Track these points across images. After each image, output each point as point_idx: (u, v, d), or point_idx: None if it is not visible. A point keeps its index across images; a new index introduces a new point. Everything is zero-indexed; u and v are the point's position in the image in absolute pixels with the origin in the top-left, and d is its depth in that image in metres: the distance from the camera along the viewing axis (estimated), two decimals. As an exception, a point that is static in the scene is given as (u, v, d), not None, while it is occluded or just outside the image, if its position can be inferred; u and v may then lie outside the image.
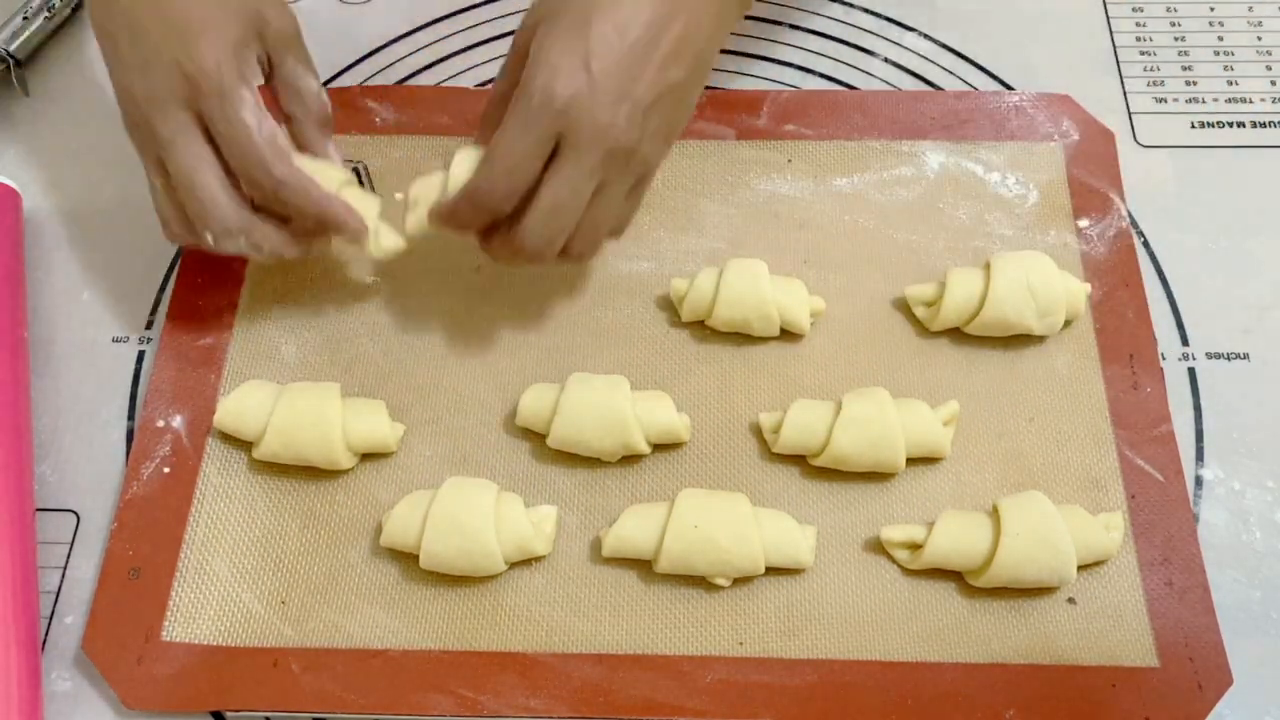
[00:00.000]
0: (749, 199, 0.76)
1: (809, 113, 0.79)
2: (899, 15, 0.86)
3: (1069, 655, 0.61)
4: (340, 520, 0.65)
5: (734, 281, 0.69)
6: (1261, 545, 0.65)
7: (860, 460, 0.65)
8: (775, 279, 0.70)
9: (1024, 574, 0.61)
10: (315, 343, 0.71)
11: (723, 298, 0.68)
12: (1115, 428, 0.67)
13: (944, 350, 0.70)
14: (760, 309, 0.69)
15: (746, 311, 0.69)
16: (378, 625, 0.62)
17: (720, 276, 0.69)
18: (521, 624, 0.62)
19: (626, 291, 0.73)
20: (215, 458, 0.67)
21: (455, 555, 0.61)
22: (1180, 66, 0.83)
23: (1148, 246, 0.75)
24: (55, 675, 0.61)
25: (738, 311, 0.69)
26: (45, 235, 0.76)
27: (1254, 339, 0.71)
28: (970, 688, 0.60)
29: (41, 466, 0.67)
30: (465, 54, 0.84)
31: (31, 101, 0.82)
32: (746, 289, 0.69)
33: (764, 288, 0.69)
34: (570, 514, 0.65)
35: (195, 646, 0.61)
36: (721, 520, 0.62)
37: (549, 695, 0.60)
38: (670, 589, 0.63)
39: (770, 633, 0.62)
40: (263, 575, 0.63)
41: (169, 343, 0.70)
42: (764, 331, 0.70)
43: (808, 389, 0.69)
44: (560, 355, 0.70)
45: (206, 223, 0.61)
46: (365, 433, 0.65)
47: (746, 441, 0.68)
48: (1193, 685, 0.60)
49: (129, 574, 0.63)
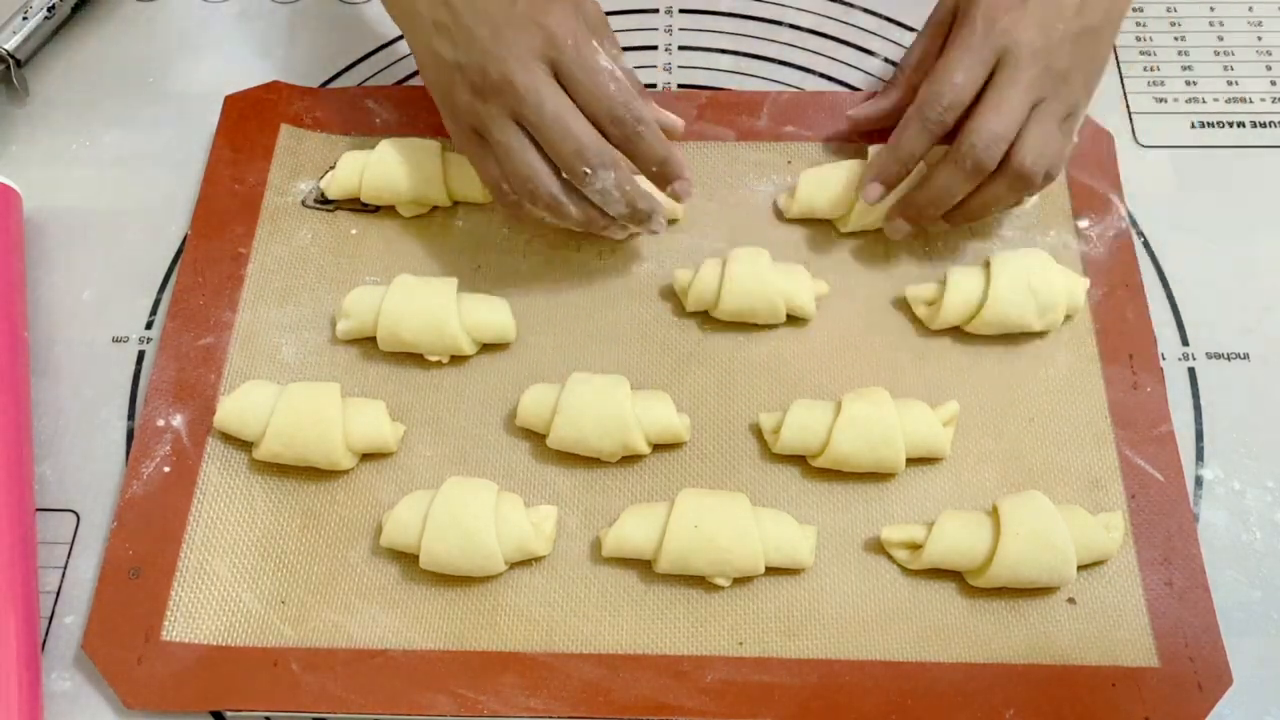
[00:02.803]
0: (749, 199, 0.76)
1: (809, 114, 0.79)
2: (899, 15, 0.86)
3: (1069, 655, 0.61)
4: (340, 520, 0.65)
5: (738, 269, 0.69)
6: (1261, 545, 0.65)
7: (860, 460, 0.65)
8: (778, 265, 0.70)
9: (1024, 574, 0.61)
10: (315, 343, 0.71)
11: (727, 286, 0.69)
12: (1115, 428, 0.67)
13: (944, 350, 0.70)
14: (765, 295, 0.69)
15: (752, 299, 0.69)
16: (378, 625, 0.62)
17: (724, 265, 0.69)
18: (521, 624, 0.62)
19: (627, 292, 0.73)
20: (215, 457, 0.67)
21: (455, 555, 0.61)
22: (1180, 66, 0.83)
23: (1148, 246, 0.75)
24: (55, 675, 0.61)
25: (743, 300, 0.69)
26: (45, 235, 0.76)
27: (1254, 339, 0.71)
28: (970, 688, 0.60)
29: (41, 466, 0.67)
30: (465, 54, 0.84)
31: (31, 101, 0.82)
32: (751, 276, 0.69)
33: (768, 274, 0.69)
34: (570, 514, 0.65)
35: (195, 646, 0.61)
36: (721, 520, 0.62)
37: (549, 695, 0.60)
38: (670, 589, 0.63)
39: (770, 633, 0.62)
40: (263, 575, 0.63)
41: (169, 343, 0.70)
42: (770, 319, 0.70)
43: (808, 389, 0.69)
44: (560, 355, 0.70)
45: (584, 156, 0.64)
46: (365, 433, 0.65)
47: (746, 441, 0.68)
48: (1193, 685, 0.60)
49: (129, 574, 0.63)
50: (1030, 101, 0.66)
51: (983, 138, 0.65)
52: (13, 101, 0.82)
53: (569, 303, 0.72)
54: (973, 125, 0.66)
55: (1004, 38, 0.66)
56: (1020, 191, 0.68)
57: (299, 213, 0.76)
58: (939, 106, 0.66)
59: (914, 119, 0.68)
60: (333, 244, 0.75)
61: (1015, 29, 0.66)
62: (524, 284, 0.73)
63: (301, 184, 0.77)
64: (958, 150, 0.66)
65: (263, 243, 0.74)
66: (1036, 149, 0.66)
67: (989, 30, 0.66)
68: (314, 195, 0.76)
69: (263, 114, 0.79)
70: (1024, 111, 0.66)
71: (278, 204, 0.76)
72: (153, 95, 0.82)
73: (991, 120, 0.65)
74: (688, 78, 0.83)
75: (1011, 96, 0.65)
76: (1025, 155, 0.66)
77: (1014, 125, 0.66)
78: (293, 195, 0.76)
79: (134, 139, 0.80)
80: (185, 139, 0.80)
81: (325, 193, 0.75)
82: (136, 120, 0.81)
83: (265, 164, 0.77)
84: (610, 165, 0.64)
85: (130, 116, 0.81)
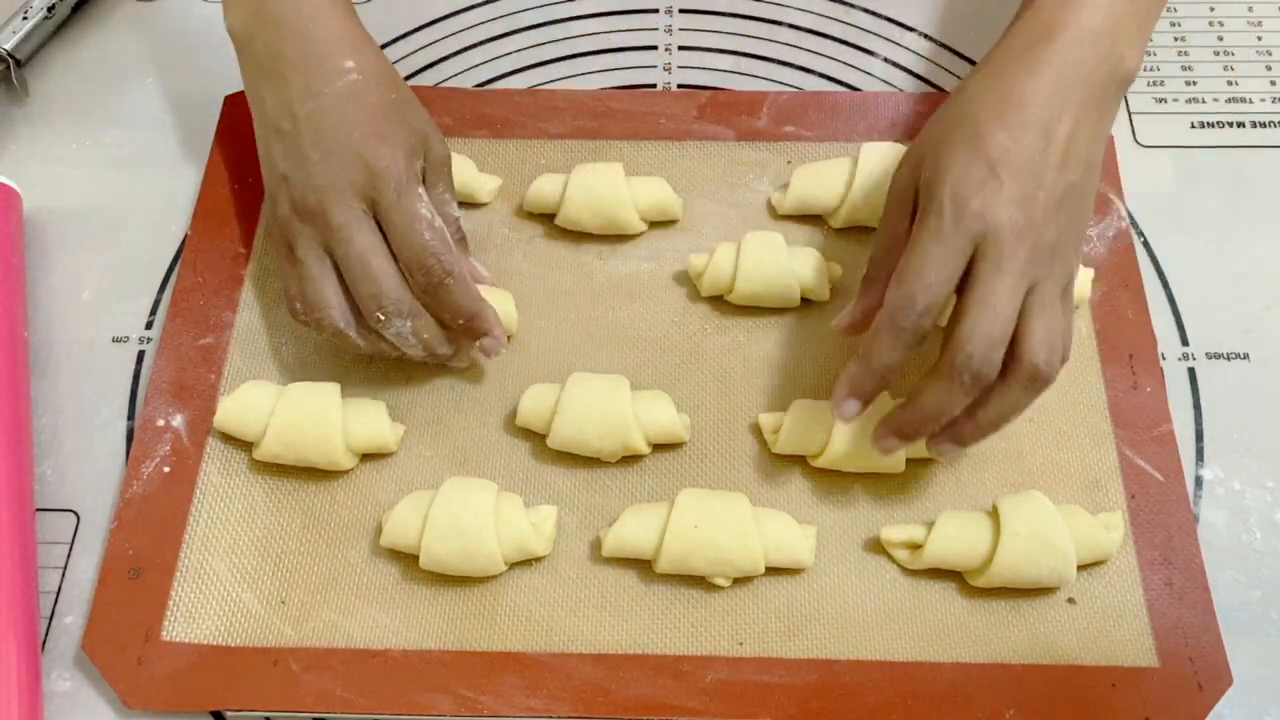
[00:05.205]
0: (749, 200, 0.76)
1: (808, 114, 0.79)
2: (899, 15, 0.86)
3: (1069, 655, 0.61)
4: (340, 520, 0.65)
5: (753, 252, 0.69)
6: (1261, 545, 0.65)
7: (860, 461, 0.65)
8: (792, 249, 0.70)
9: (1024, 574, 0.61)
10: (315, 343, 0.71)
11: (743, 269, 0.69)
12: (1115, 428, 0.67)
13: (944, 350, 0.70)
14: (780, 278, 0.69)
15: (768, 282, 0.69)
16: (378, 625, 0.62)
17: (739, 249, 0.70)
18: (521, 624, 0.62)
19: (627, 292, 0.73)
20: (215, 457, 0.67)
21: (455, 555, 0.61)
22: (1180, 66, 0.83)
23: (1148, 246, 0.75)
24: (55, 675, 0.61)
25: (758, 283, 0.69)
26: (45, 235, 0.76)
27: (1254, 339, 0.71)
28: (970, 688, 0.60)
29: (41, 466, 0.67)
30: (465, 54, 0.84)
31: (31, 101, 0.82)
32: (767, 259, 0.69)
33: (782, 257, 0.69)
34: (570, 514, 0.65)
35: (195, 646, 0.61)
36: (721, 520, 0.62)
37: (549, 695, 0.60)
38: (670, 589, 0.63)
39: (770, 633, 0.62)
40: (263, 575, 0.63)
41: (169, 343, 0.70)
42: (784, 302, 0.70)
43: (808, 389, 0.69)
44: (560, 355, 0.70)
45: (380, 303, 0.62)
46: (365, 433, 0.65)
47: (746, 441, 0.68)
48: (1193, 685, 0.60)
49: (129, 574, 0.63)
50: (1023, 290, 0.57)
51: (978, 346, 0.56)
52: (13, 101, 0.82)
53: (569, 303, 0.72)
54: (963, 333, 0.56)
55: (978, 222, 0.56)
56: (1036, 392, 0.58)
57: (299, 213, 0.76)
58: (912, 313, 0.57)
59: (885, 328, 0.58)
60: (333, 244, 0.75)
61: (991, 210, 0.56)
62: (524, 284, 0.73)
63: (301, 184, 0.77)
64: (950, 363, 0.57)
65: (263, 243, 0.74)
66: (1045, 342, 0.57)
67: (960, 215, 0.56)
68: None
69: (263, 114, 0.79)
70: (1018, 303, 0.56)
71: (278, 204, 0.76)
72: (153, 95, 0.82)
73: (983, 323, 0.56)
74: (688, 78, 0.83)
75: (1000, 290, 0.56)
76: (1036, 353, 0.56)
77: (1010, 323, 0.56)
78: (293, 195, 0.76)
79: (134, 139, 0.80)
80: (185, 139, 0.80)
81: None
82: (136, 120, 0.81)
83: (265, 164, 0.77)
84: (407, 315, 0.63)
85: (130, 116, 0.81)
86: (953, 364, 0.56)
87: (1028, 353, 0.56)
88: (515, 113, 0.79)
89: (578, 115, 0.79)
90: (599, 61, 0.83)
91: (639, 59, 0.83)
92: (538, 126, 0.78)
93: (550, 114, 0.79)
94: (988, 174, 0.57)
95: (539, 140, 0.78)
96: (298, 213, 0.63)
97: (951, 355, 0.57)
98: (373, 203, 0.63)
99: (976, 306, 0.56)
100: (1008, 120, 0.58)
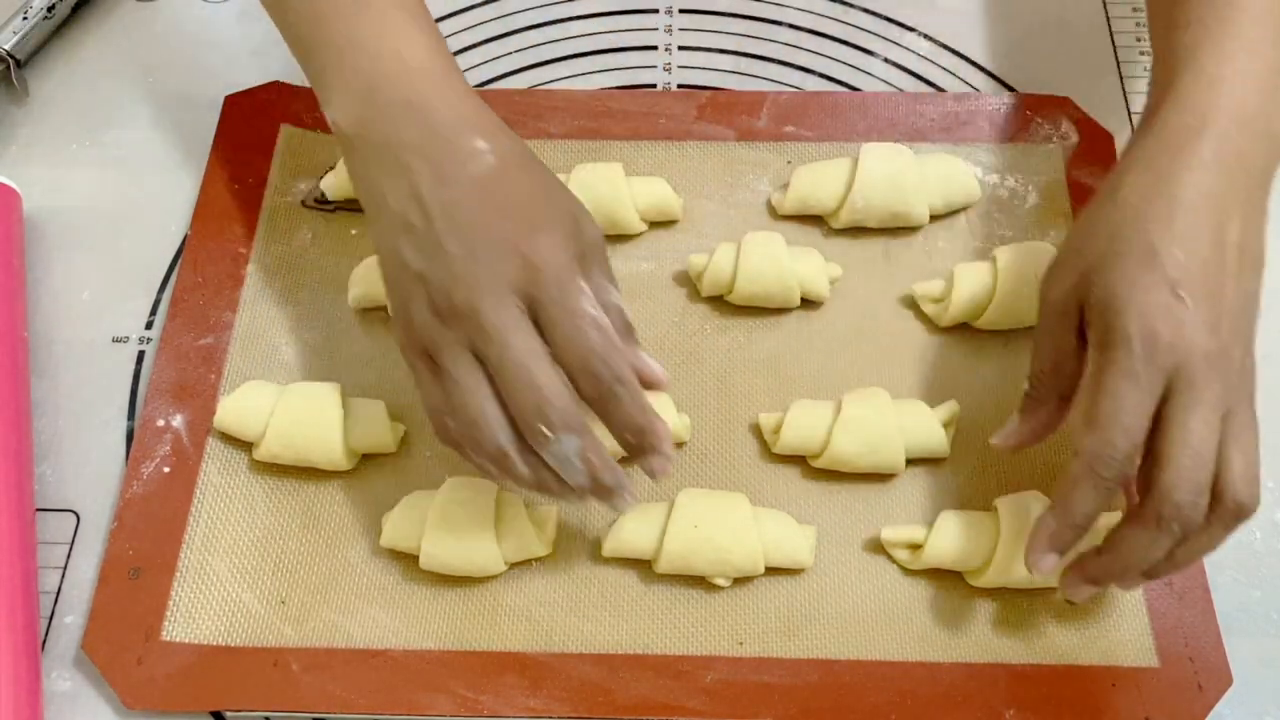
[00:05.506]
0: (749, 200, 0.76)
1: (808, 114, 0.79)
2: (899, 15, 0.86)
3: (1069, 655, 0.61)
4: (340, 520, 0.65)
5: (753, 252, 0.69)
6: (1261, 545, 0.65)
7: (860, 461, 0.65)
8: (792, 249, 0.70)
9: (1024, 574, 0.61)
10: (315, 343, 0.71)
11: (743, 270, 0.69)
12: (1115, 428, 0.67)
13: (945, 350, 0.70)
14: (780, 278, 0.69)
15: (767, 282, 0.69)
16: (378, 625, 0.62)
17: (739, 249, 0.70)
18: (521, 624, 0.62)
19: (627, 292, 0.71)
20: (215, 457, 0.67)
21: (455, 555, 0.61)
22: (1180, 67, 0.83)
23: (1148, 247, 0.74)
24: (55, 675, 0.61)
25: (758, 284, 0.69)
26: (45, 235, 0.76)
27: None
28: (970, 688, 0.60)
29: (41, 466, 0.67)
30: (465, 54, 0.84)
31: (31, 101, 0.82)
32: (766, 259, 0.69)
33: (783, 257, 0.69)
34: (570, 514, 0.65)
35: (195, 646, 0.61)
36: (721, 520, 0.62)
37: (549, 695, 0.60)
38: (670, 589, 0.63)
39: (770, 633, 0.62)
40: (263, 575, 0.63)
41: (169, 343, 0.70)
42: (784, 302, 0.70)
43: (808, 389, 0.69)
44: (560, 355, 0.70)
45: (546, 415, 0.54)
46: (365, 433, 0.65)
47: (746, 441, 0.68)
48: (1193, 685, 0.60)
49: (129, 574, 0.63)
50: (1218, 421, 0.53)
51: (1186, 494, 0.52)
52: (13, 101, 0.82)
53: (569, 303, 0.72)
54: (1168, 480, 0.52)
55: (1171, 355, 0.52)
56: (1234, 528, 0.54)
57: (299, 213, 0.76)
58: (1114, 462, 0.53)
59: (1084, 478, 0.54)
60: (333, 244, 0.74)
61: (1183, 341, 0.52)
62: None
63: (301, 184, 0.77)
64: (1156, 510, 0.53)
65: (262, 243, 0.74)
66: (1247, 476, 0.53)
67: (1152, 351, 0.52)
68: (314, 195, 0.76)
69: (263, 114, 0.79)
70: (1217, 438, 0.53)
71: (278, 204, 0.76)
72: (153, 95, 0.82)
73: (1188, 468, 0.52)
74: (688, 78, 0.83)
75: (1199, 429, 0.52)
76: (1239, 491, 0.53)
77: (1213, 462, 0.53)
78: (293, 195, 0.76)
79: (134, 139, 0.80)
80: (185, 139, 0.80)
81: (325, 193, 0.75)
82: (136, 120, 0.81)
83: (265, 164, 0.77)
84: (576, 430, 0.54)
85: (130, 116, 0.81)
86: (1159, 514, 0.53)
87: (1231, 490, 0.53)
88: (515, 113, 0.79)
89: (577, 115, 0.79)
90: (599, 61, 0.83)
91: (639, 59, 0.83)
92: (537, 126, 0.78)
93: (550, 114, 0.79)
94: (1172, 298, 0.53)
95: (539, 140, 0.78)
96: (441, 316, 0.55)
97: (1158, 505, 0.53)
98: (531, 299, 0.54)
99: (1178, 450, 0.52)
100: (1179, 230, 0.54)
